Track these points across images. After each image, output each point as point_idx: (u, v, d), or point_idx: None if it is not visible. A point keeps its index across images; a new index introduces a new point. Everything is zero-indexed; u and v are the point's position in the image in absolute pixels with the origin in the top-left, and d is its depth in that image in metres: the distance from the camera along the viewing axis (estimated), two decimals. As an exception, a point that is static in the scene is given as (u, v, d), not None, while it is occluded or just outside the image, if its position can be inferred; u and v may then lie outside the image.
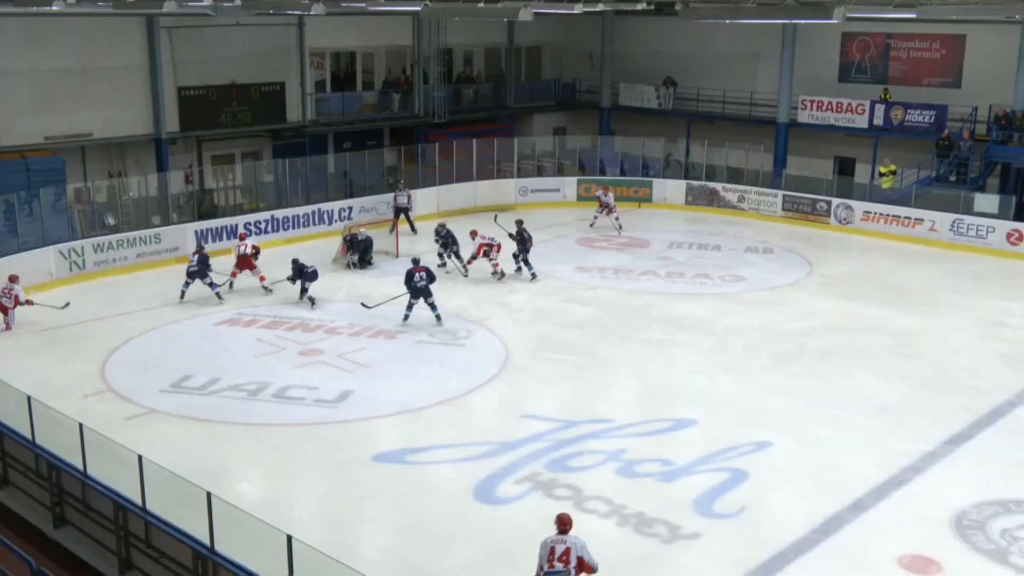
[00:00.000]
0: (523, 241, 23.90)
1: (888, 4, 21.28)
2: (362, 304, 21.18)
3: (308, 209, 27.74)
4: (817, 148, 34.12)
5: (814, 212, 30.24)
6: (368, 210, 28.64)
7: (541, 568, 10.07)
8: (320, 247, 25.95)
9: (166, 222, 25.66)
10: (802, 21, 29.65)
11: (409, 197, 28.28)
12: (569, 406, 16.42)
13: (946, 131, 30.02)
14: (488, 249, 23.39)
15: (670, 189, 32.62)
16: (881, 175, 30.48)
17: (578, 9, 23.14)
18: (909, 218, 28.39)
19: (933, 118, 30.60)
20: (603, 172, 33.62)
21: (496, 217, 26.31)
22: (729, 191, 31.93)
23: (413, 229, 27.95)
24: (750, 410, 16.30)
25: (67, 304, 20.49)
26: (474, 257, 23.62)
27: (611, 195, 29.23)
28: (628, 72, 38.47)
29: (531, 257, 23.90)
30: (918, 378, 17.81)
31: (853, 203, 29.59)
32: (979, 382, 17.68)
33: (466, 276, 23.63)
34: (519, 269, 24.01)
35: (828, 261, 26.06)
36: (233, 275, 22.32)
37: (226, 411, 16.00)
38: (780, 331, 20.38)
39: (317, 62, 33.51)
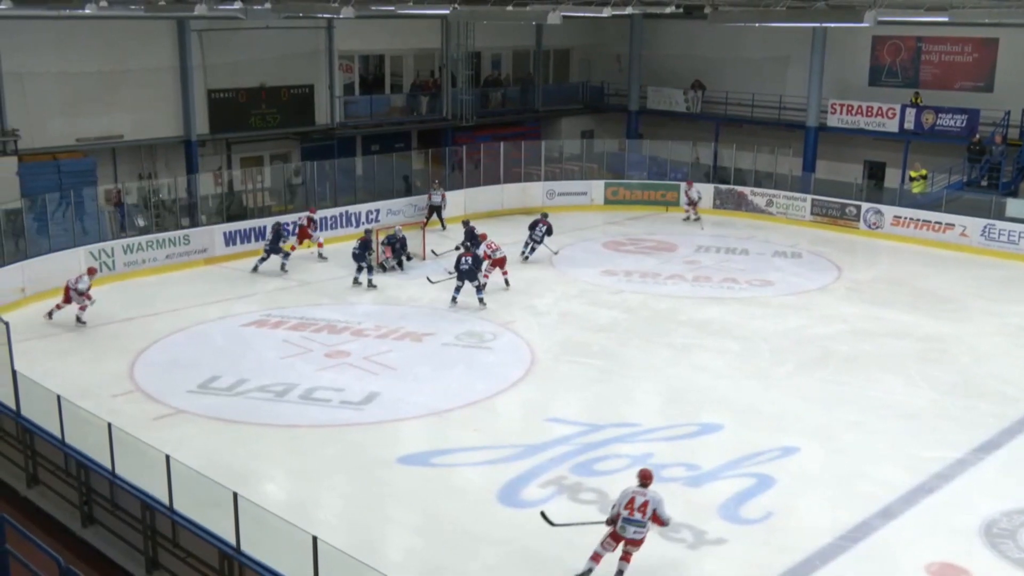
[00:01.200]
0: (473, 238, 23.73)
1: (920, 7, 21.11)
2: (427, 279, 22.76)
3: (336, 211, 27.83)
4: (847, 152, 33.94)
5: (843, 216, 30.05)
6: (395, 212, 28.70)
7: (619, 514, 11.18)
8: (348, 248, 25.95)
9: (195, 224, 25.82)
10: (832, 24, 29.51)
11: (443, 196, 28.85)
12: (594, 410, 16.39)
13: (978, 135, 29.79)
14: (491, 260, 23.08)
15: (696, 186, 32.48)
16: (912, 179, 30.26)
17: (606, 12, 23.09)
18: (939, 223, 28.15)
19: (965, 122, 30.37)
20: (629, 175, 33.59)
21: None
22: (757, 195, 31.79)
23: (443, 227, 28.21)
24: (777, 415, 16.21)
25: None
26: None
27: (696, 189, 29.81)
28: (656, 75, 38.40)
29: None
30: (947, 384, 17.65)
31: (883, 208, 29.37)
32: (1009, 389, 17.49)
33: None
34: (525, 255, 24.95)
35: (857, 266, 25.88)
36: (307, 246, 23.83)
37: (253, 412, 16.07)
38: (807, 336, 20.26)
39: (346, 65, 33.66)
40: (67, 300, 20.03)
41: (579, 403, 16.77)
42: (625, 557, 11.34)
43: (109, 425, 12.05)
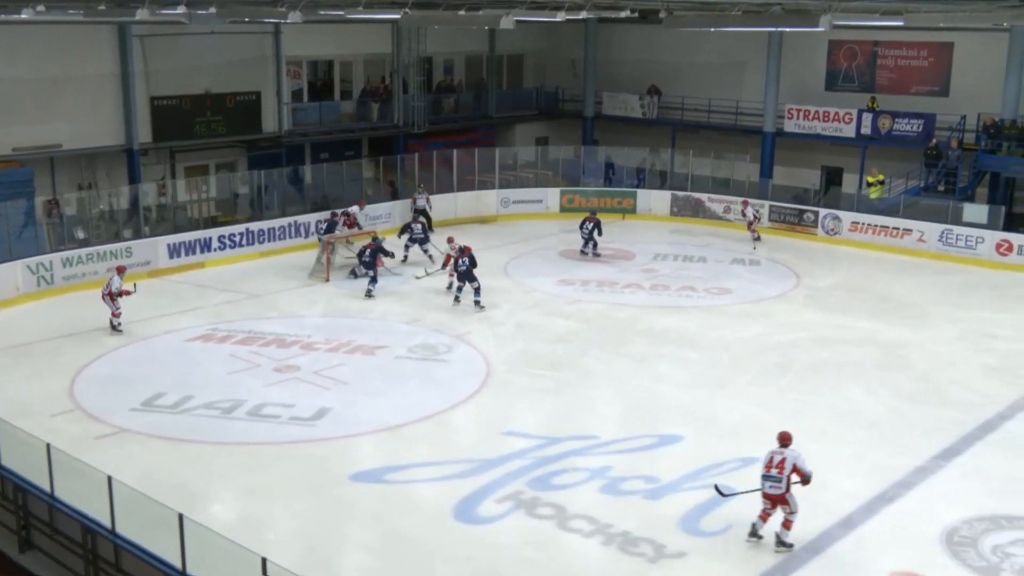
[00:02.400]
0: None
1: (875, 11, 21.45)
2: (416, 276, 23.46)
3: (284, 221, 27.64)
4: (804, 158, 34.32)
5: (801, 223, 30.37)
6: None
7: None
8: (297, 260, 25.91)
9: (138, 235, 25.54)
10: (788, 29, 29.87)
11: (428, 199, 29.41)
12: (552, 422, 16.39)
13: (934, 140, 30.24)
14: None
15: (655, 200, 32.70)
16: (869, 185, 30.66)
17: (561, 17, 23.15)
18: (897, 229, 28.54)
19: (921, 127, 30.84)
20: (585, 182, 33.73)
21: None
22: (715, 202, 32.03)
23: (431, 229, 28.17)
24: (737, 425, 16.31)
25: (135, 285, 20.98)
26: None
27: (751, 209, 29.13)
28: (612, 81, 38.61)
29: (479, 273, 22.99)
30: (907, 391, 17.88)
31: (841, 214, 29.73)
32: (969, 395, 17.76)
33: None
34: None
35: (815, 273, 26.15)
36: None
37: (199, 430, 15.89)
38: (767, 344, 20.43)
39: (294, 71, 33.49)
40: (123, 294, 20.33)
41: (536, 416, 16.76)
42: (785, 524, 12.45)
43: (48, 445, 11.86)
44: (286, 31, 31.78)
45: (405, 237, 26.23)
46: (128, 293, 20.44)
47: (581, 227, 27.22)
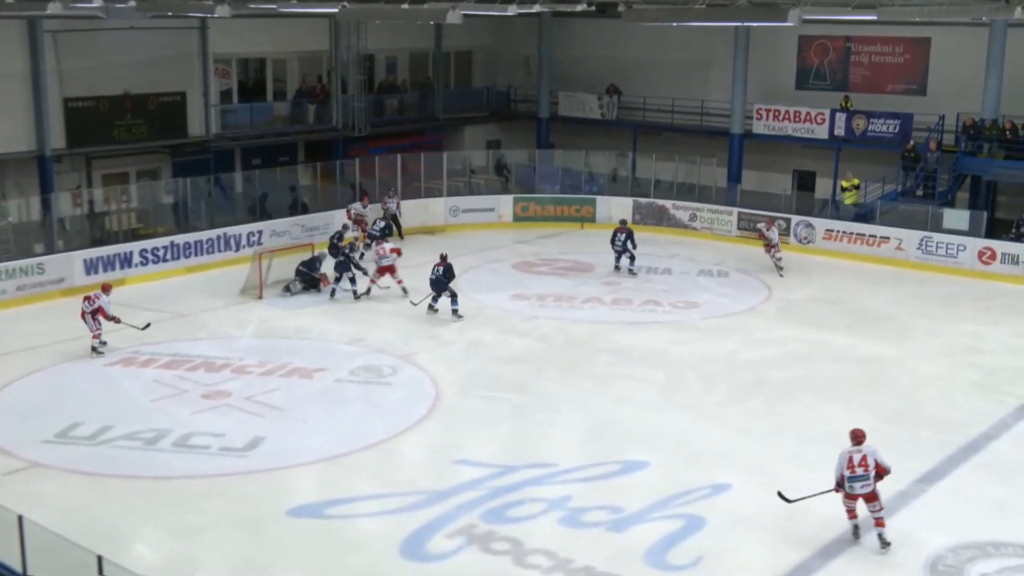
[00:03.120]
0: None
1: (847, 5, 21.75)
2: (411, 302, 23.32)
3: (212, 234, 27.43)
4: (774, 161, 34.70)
5: (772, 231, 30.63)
6: (281, 234, 28.40)
7: (843, 476, 13.15)
8: (227, 275, 25.69)
9: (51, 250, 25.22)
10: (755, 24, 30.21)
11: (398, 204, 29.92)
12: (507, 450, 16.37)
13: (912, 142, 30.71)
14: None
15: (615, 207, 32.80)
16: (843, 190, 31.04)
17: (512, 10, 23.32)
18: (874, 236, 28.92)
19: (898, 128, 31.30)
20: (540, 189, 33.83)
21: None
22: (680, 209, 32.26)
23: (401, 236, 29.10)
24: (707, 450, 16.40)
25: (148, 325, 20.89)
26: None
27: (775, 230, 27.96)
28: (568, 79, 38.80)
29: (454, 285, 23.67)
30: (887, 411, 18.07)
31: (814, 221, 30.07)
32: (953, 414, 18.00)
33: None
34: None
35: (788, 285, 26.40)
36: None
37: (120, 463, 15.69)
38: (738, 362, 20.57)
39: (222, 70, 33.29)
40: (113, 320, 20.35)
41: (490, 443, 16.73)
42: (878, 523, 13.25)
43: (-49, 483, 11.65)
44: (213, 26, 31.61)
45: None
46: (116, 321, 20.38)
47: (612, 241, 26.90)
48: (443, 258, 23.07)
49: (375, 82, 37.62)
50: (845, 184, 31.01)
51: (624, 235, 26.80)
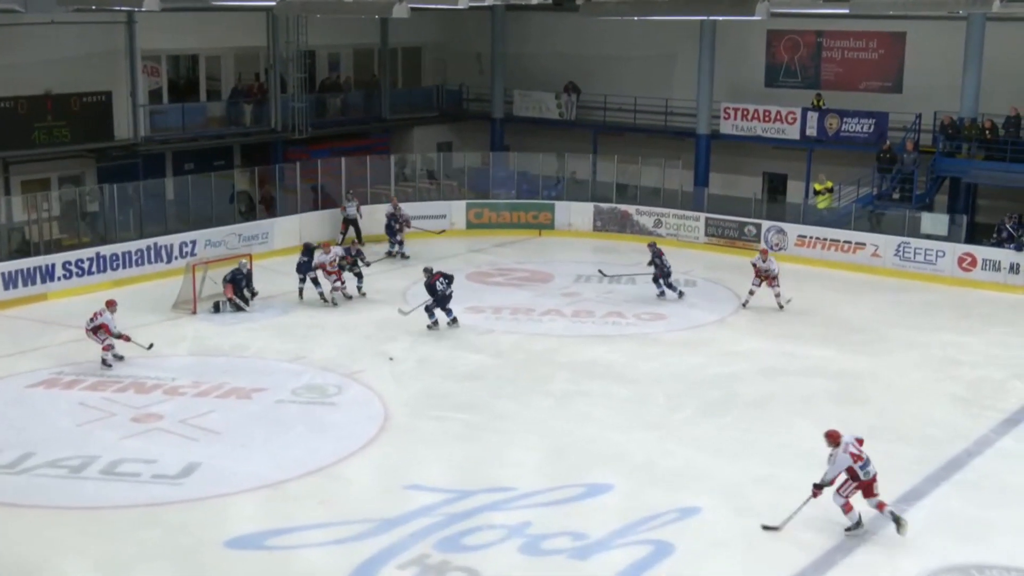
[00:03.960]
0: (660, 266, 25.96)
1: (818, -3, 22.04)
2: (399, 310, 23.45)
3: (142, 244, 27.24)
4: (743, 163, 34.96)
5: (742, 237, 30.89)
6: (216, 244, 28.26)
7: (851, 469, 14.22)
8: (158, 289, 25.51)
9: (-36, 263, 24.96)
10: (721, 18, 30.50)
11: (359, 208, 30.21)
12: (462, 473, 16.37)
13: (887, 142, 31.07)
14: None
15: (575, 213, 32.98)
16: (816, 193, 31.33)
17: (463, 4, 23.32)
18: (849, 242, 29.21)
19: (872, 127, 31.67)
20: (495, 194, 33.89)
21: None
22: (644, 215, 32.42)
23: (361, 241, 29.58)
24: (674, 471, 16.48)
25: (151, 345, 21.13)
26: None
27: (773, 260, 25.52)
28: (523, 77, 38.91)
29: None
30: (864, 428, 18.04)
31: (786, 226, 30.32)
32: (932, 430, 18.21)
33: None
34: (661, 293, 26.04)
35: (759, 294, 26.55)
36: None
37: (43, 493, 15.53)
38: (706, 377, 20.71)
39: (151, 67, 33.08)
40: (121, 337, 20.59)
41: (443, 466, 16.72)
42: (880, 507, 14.26)
43: None
44: (141, 21, 31.40)
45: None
46: (125, 339, 20.56)
47: (653, 263, 25.97)
48: (429, 271, 23.20)
49: (316, 81, 37.50)
50: (818, 187, 31.30)
51: (653, 253, 26.06)
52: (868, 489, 14.24)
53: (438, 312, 23.04)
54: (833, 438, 14.45)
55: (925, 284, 27.57)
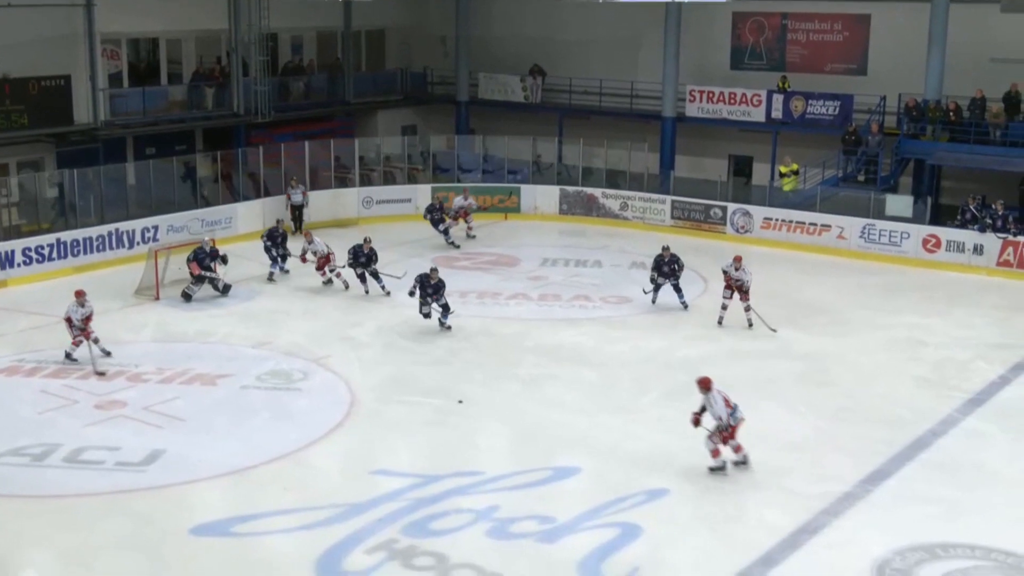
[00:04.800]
0: None
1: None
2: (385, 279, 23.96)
3: (103, 230, 27.08)
4: (709, 146, 35.11)
5: (708, 220, 31.05)
6: (179, 229, 28.12)
7: (726, 415, 15.47)
8: (120, 275, 25.36)
9: (-78, 250, 24.74)
10: (686, 0, 30.53)
11: (304, 194, 29.90)
12: (429, 458, 16.40)
13: (852, 124, 31.28)
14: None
15: (541, 196, 33.03)
16: (782, 176, 31.51)
17: (427, -14, 23.34)
18: (815, 224, 29.42)
19: (838, 109, 31.86)
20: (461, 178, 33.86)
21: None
22: (610, 198, 32.50)
23: (299, 229, 29.22)
24: (641, 454, 16.55)
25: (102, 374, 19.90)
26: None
27: (746, 269, 22.62)
28: (488, 60, 38.85)
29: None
30: (830, 409, 18.40)
31: (751, 208, 30.49)
32: (898, 410, 18.38)
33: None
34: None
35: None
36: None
37: (5, 482, 15.42)
38: (673, 360, 20.80)
39: (110, 51, 32.81)
40: (86, 335, 20.01)
41: (410, 451, 16.75)
42: (737, 449, 15.61)
43: None
44: (100, 4, 31.16)
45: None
46: (75, 340, 20.03)
47: (658, 269, 23.93)
48: (433, 271, 22.22)
49: (279, 64, 37.31)
50: (784, 169, 31.48)
51: (670, 261, 23.92)
52: (732, 434, 15.48)
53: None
54: (704, 384, 15.62)
55: (890, 266, 27.81)
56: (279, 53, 37.48)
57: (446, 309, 22.15)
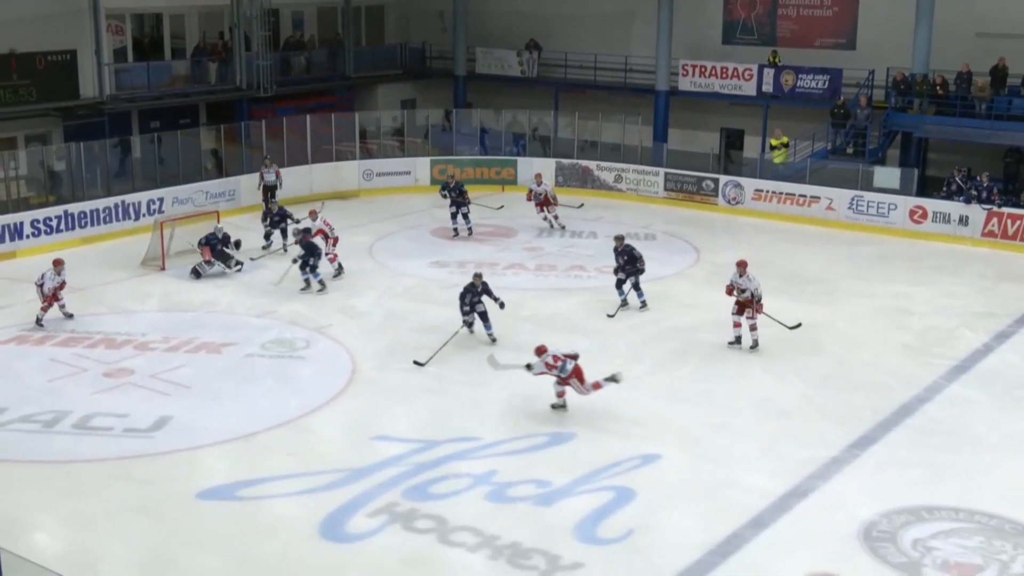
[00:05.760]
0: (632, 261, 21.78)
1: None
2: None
3: (109, 202, 27.03)
4: (701, 119, 35.05)
5: (700, 192, 31.02)
6: (183, 201, 28.08)
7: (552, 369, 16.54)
8: (127, 246, 25.34)
9: (-68, 222, 24.67)
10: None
11: (278, 173, 28.88)
12: (428, 424, 16.44)
13: (841, 98, 31.22)
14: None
15: (538, 169, 32.91)
16: (772, 148, 31.47)
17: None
18: (804, 196, 29.41)
19: (827, 83, 31.78)
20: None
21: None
22: (604, 170, 32.46)
23: (269, 207, 27.83)
24: (635, 420, 16.61)
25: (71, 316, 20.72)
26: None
27: (751, 276, 19.70)
28: (485, 35, 38.71)
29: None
30: (818, 376, 18.46)
31: (743, 181, 30.49)
32: (884, 377, 18.43)
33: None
34: None
35: (717, 247, 26.74)
36: None
37: (15, 448, 15.47)
38: (665, 328, 20.83)
39: (115, 26, 32.64)
40: (49, 302, 20.30)
41: (410, 417, 16.79)
42: (596, 386, 16.61)
43: None
44: (105, -21, 30.98)
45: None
46: (48, 301, 20.31)
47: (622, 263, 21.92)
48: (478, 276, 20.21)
49: (280, 39, 37.14)
50: (774, 142, 31.44)
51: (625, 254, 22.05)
52: (577, 379, 16.53)
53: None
54: (539, 351, 16.62)
55: (877, 236, 27.81)
56: (280, 28, 37.28)
57: (484, 318, 19.90)
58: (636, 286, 21.89)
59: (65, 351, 19.14)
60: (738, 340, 19.70)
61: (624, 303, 21.81)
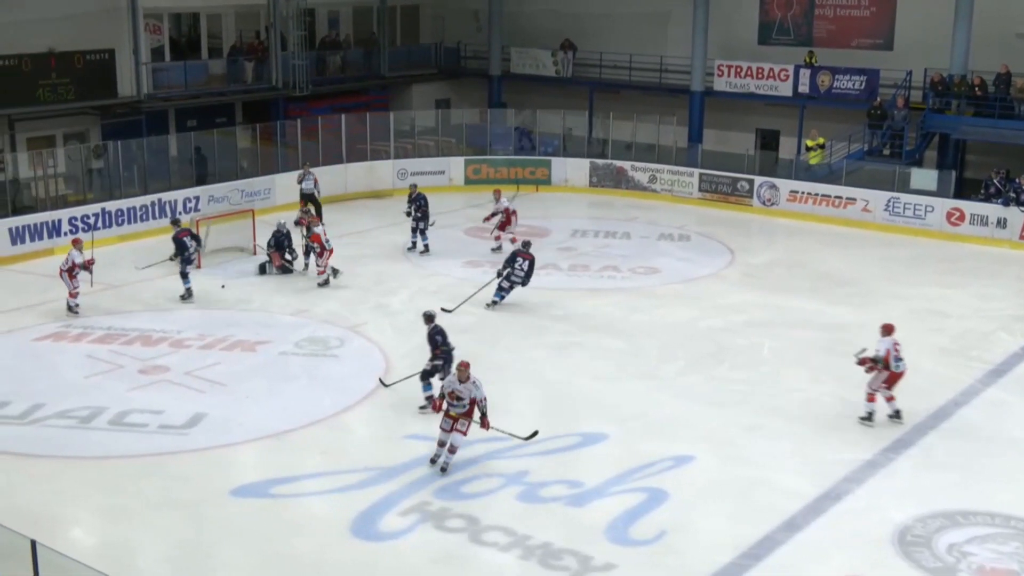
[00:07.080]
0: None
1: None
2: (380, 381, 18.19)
3: (146, 200, 27.21)
4: (736, 120, 34.88)
5: (735, 193, 30.89)
6: (219, 199, 28.23)
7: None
8: (162, 244, 25.39)
9: (-30, 218, 24.90)
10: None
11: (316, 181, 28.44)
12: (461, 423, 16.43)
13: (878, 99, 30.99)
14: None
15: (572, 169, 32.95)
16: (808, 149, 31.30)
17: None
18: (840, 198, 29.22)
19: (864, 84, 31.55)
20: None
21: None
22: (639, 170, 32.37)
23: (320, 216, 27.77)
24: (667, 421, 16.56)
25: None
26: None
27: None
28: (520, 35, 38.70)
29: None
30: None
31: (778, 182, 30.32)
32: (919, 381, 18.21)
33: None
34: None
35: (751, 248, 26.65)
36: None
37: (52, 443, 15.57)
38: (699, 329, 20.75)
39: (153, 25, 32.86)
40: (86, 265, 20.82)
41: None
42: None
43: None
44: (143, -21, 31.21)
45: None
46: (91, 263, 20.69)
47: (513, 264, 21.84)
48: (527, 245, 21.39)
49: (316, 38, 37.28)
50: (810, 143, 31.27)
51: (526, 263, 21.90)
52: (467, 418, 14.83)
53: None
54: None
55: (913, 239, 27.60)
56: (316, 28, 37.42)
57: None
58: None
59: (102, 348, 19.27)
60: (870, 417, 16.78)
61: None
